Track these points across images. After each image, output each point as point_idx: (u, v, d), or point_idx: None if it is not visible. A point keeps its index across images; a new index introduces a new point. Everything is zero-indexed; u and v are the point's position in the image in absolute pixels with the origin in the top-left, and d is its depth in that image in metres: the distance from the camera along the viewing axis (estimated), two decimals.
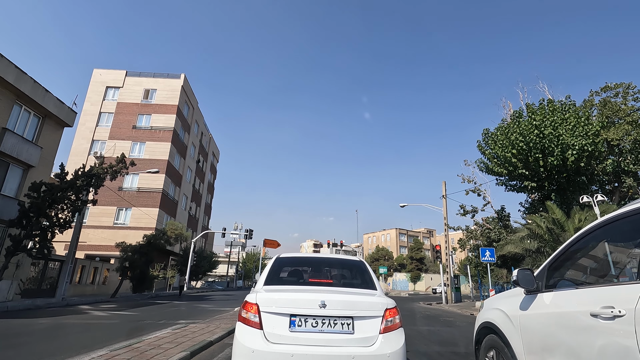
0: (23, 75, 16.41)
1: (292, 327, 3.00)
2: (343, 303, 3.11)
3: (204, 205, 51.73)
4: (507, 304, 3.23)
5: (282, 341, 2.94)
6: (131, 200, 34.04)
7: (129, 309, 14.06)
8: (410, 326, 10.41)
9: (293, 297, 3.18)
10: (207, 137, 53.08)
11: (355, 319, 3.05)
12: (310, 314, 3.03)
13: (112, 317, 11.26)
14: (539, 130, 13.44)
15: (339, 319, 3.04)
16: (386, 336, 3.03)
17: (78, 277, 23.95)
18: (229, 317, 10.69)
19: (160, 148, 36.41)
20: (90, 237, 32.19)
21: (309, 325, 3.01)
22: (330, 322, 3.03)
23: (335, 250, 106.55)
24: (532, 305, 2.82)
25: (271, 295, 3.19)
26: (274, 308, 3.07)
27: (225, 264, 69.09)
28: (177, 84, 39.26)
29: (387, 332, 3.06)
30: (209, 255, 47.67)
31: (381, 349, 2.94)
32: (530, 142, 13.54)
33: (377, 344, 2.98)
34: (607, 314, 2.03)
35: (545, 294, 2.76)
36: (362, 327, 3.03)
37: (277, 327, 3.00)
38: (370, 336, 3.00)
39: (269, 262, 4.12)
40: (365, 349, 2.93)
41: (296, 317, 3.04)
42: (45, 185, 15.03)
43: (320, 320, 3.03)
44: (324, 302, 3.04)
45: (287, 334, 2.97)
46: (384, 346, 2.97)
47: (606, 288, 2.21)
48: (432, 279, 62.38)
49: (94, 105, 37.42)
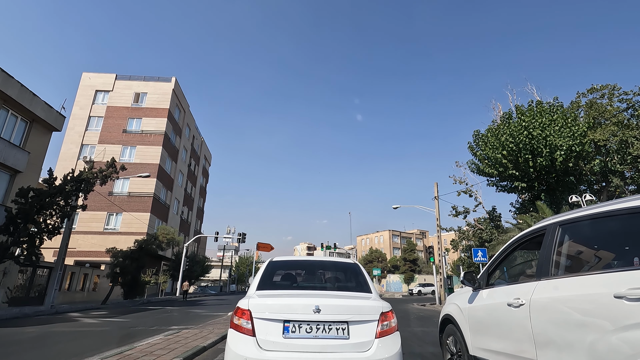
0: (9, 79, 16.12)
1: (285, 333, 2.90)
2: (338, 307, 3.02)
3: (196, 209, 51.28)
4: (460, 299, 3.99)
5: (275, 348, 2.84)
6: (122, 205, 33.60)
7: (120, 316, 13.84)
8: (405, 327, 10.44)
9: (286, 302, 3.07)
10: (199, 141, 52.71)
11: (350, 323, 2.95)
12: (305, 320, 2.94)
13: (103, 324, 11.07)
14: (528, 131, 13.62)
15: (333, 324, 2.94)
16: (382, 340, 2.95)
17: (67, 284, 23.53)
18: (222, 322, 10.59)
19: (151, 152, 36.03)
20: (80, 243, 31.65)
21: (303, 331, 2.91)
22: (325, 328, 2.93)
23: (329, 253, 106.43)
24: (476, 299, 3.63)
25: (264, 301, 3.07)
26: (267, 314, 2.96)
27: (219, 268, 68.61)
28: (168, 88, 38.95)
29: (383, 336, 2.98)
30: (202, 259, 47.18)
31: (377, 354, 2.88)
32: (520, 142, 13.71)
33: (373, 349, 2.90)
34: (516, 303, 2.80)
35: (484, 290, 3.56)
36: (358, 331, 2.94)
37: (270, 334, 2.89)
38: (365, 341, 2.92)
39: (262, 266, 4.00)
40: (361, 354, 2.86)
41: (290, 323, 2.93)
42: (33, 190, 14.75)
43: (314, 326, 2.93)
44: (319, 307, 2.94)
45: (281, 340, 2.87)
46: (380, 351, 2.90)
47: (518, 285, 3.02)
48: (426, 280, 62.64)
49: (83, 109, 36.90)
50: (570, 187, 14.85)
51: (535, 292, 2.65)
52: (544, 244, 2.85)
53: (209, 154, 59.94)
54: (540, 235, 3.03)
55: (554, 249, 2.71)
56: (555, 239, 2.74)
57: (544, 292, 2.57)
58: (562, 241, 2.74)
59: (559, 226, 2.78)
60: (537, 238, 3.13)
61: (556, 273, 2.63)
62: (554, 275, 2.61)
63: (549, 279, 2.61)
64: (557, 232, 2.75)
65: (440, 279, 23.69)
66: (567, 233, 2.75)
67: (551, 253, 2.71)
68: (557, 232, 2.76)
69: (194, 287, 50.51)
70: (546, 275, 2.66)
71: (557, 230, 2.77)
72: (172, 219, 40.09)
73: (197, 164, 51.63)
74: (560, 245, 2.73)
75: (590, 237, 2.71)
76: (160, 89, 38.77)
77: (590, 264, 2.71)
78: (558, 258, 2.69)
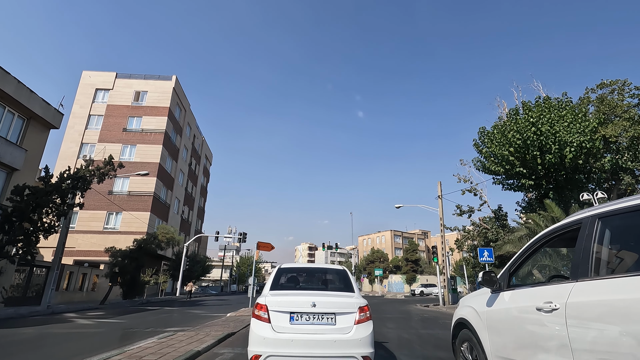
0: (6, 75, 15.82)
1: (291, 321, 4.02)
2: (328, 303, 4.10)
3: (196, 209, 50.98)
4: (477, 302, 3.68)
5: (284, 331, 3.96)
6: (122, 204, 33.31)
7: (116, 317, 13.51)
8: (409, 330, 10.04)
9: (292, 300, 4.18)
10: (200, 140, 52.42)
11: (337, 314, 4.05)
12: (305, 311, 4.04)
13: (98, 325, 10.73)
14: (535, 128, 13.13)
15: (325, 315, 4.03)
16: (359, 326, 4.02)
17: (66, 283, 23.24)
18: (220, 323, 10.23)
19: (152, 151, 35.73)
20: (79, 242, 31.37)
21: (303, 320, 4.02)
22: (319, 317, 4.03)
23: (330, 253, 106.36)
24: (496, 302, 3.31)
25: (276, 299, 4.18)
26: (278, 307, 4.07)
27: (219, 268, 68.35)
28: (168, 86, 38.66)
29: (360, 323, 4.03)
30: (203, 259, 46.86)
31: (355, 335, 3.95)
32: (528, 139, 13.22)
33: (352, 331, 3.98)
34: (548, 307, 2.51)
35: (505, 293, 3.25)
36: (342, 320, 4.04)
37: (280, 321, 4.01)
38: (347, 326, 4.00)
39: (273, 271, 5.03)
40: (344, 336, 3.95)
41: (294, 314, 4.04)
42: (29, 188, 14.41)
43: (311, 316, 4.03)
44: (314, 303, 4.04)
45: (288, 325, 3.99)
46: (357, 333, 3.97)
47: (548, 286, 2.71)
48: (428, 280, 62.11)
49: (83, 108, 36.64)
50: (579, 185, 14.34)
51: (572, 295, 2.35)
52: (579, 239, 2.53)
53: (210, 153, 59.64)
54: (573, 230, 2.69)
55: (592, 246, 2.40)
56: (594, 234, 2.42)
57: (583, 295, 2.28)
58: (602, 236, 2.41)
59: (598, 219, 2.45)
60: (568, 233, 2.80)
61: (597, 273, 2.32)
62: (595, 276, 2.30)
63: (588, 280, 2.31)
64: (597, 226, 2.43)
65: (444, 279, 23.24)
66: (609, 227, 2.41)
67: (590, 250, 2.39)
68: (597, 226, 2.44)
69: (195, 287, 50.19)
70: (585, 275, 2.36)
71: (596, 223, 2.45)
72: (172, 219, 39.78)
73: (197, 163, 51.34)
74: (601, 241, 2.40)
75: (637, 231, 2.36)
76: (160, 87, 38.48)
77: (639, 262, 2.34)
78: (599, 256, 2.37)
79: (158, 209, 35.76)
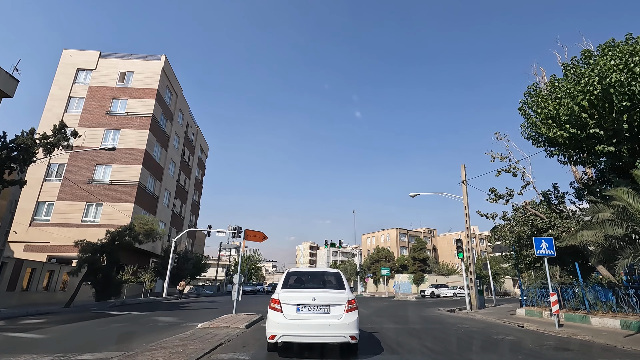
0: None
1: (298, 311, 5.77)
2: (325, 298, 5.84)
3: (190, 203, 47.51)
4: None
5: (293, 318, 5.70)
6: (103, 195, 29.88)
7: (50, 326, 10.05)
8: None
9: (298, 295, 5.96)
10: (194, 129, 48.95)
11: (331, 306, 5.77)
12: (307, 304, 5.78)
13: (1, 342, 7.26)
14: (628, 67, 9.26)
15: (322, 306, 5.77)
16: (347, 314, 5.72)
17: (25, 282, 19.83)
18: (176, 344, 6.71)
19: (137, 136, 32.28)
20: (54, 236, 28.00)
21: (306, 310, 5.77)
22: (318, 308, 5.77)
23: (333, 253, 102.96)
24: None
25: (286, 294, 5.96)
26: (288, 301, 5.83)
27: (219, 267, 64.86)
28: (157, 66, 35.20)
29: (348, 312, 5.74)
30: (196, 257, 43.48)
31: (344, 321, 5.66)
32: (615, 84, 9.32)
33: (342, 318, 5.69)
34: None
35: None
36: (335, 310, 5.75)
37: (290, 311, 5.76)
38: (339, 314, 5.72)
39: (283, 274, 6.99)
40: (336, 321, 5.66)
41: (300, 306, 5.78)
42: None
43: (312, 307, 5.77)
44: (314, 298, 5.80)
45: (295, 314, 5.73)
46: (346, 319, 5.67)
47: None
48: (437, 280, 58.37)
49: (62, 90, 33.21)
50: None
51: None
52: None
53: (206, 144, 56.16)
54: None
55: None
56: None
57: None
58: None
59: None
60: None
61: None
62: None
63: None
64: None
65: (471, 279, 19.62)
66: None
67: None
68: None
69: (189, 287, 46.79)
70: None
71: None
72: (161, 212, 36.35)
73: (192, 154, 47.88)
74: None
75: None
76: (148, 67, 35.02)
77: None
78: None
79: (144, 200, 32.29)
